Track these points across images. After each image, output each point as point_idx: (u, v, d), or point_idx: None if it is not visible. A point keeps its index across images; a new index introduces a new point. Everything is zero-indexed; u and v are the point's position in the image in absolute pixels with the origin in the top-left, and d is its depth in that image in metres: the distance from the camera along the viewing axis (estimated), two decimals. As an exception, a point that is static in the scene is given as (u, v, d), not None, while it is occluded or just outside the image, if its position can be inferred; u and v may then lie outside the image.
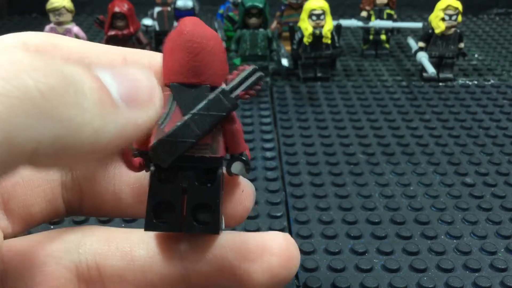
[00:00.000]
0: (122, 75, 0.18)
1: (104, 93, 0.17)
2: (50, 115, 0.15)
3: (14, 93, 0.14)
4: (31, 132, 0.15)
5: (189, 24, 0.21)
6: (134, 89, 0.18)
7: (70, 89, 0.16)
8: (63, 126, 0.15)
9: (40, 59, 0.16)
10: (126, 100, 0.18)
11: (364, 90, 0.69)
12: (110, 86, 0.18)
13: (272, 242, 0.23)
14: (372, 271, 0.39)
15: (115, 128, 0.17)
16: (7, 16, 1.00)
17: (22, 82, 0.15)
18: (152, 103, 0.19)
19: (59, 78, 0.16)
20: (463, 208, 0.45)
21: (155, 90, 0.19)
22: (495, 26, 0.95)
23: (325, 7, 0.67)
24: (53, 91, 0.15)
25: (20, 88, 0.15)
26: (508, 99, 0.66)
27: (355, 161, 0.52)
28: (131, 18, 0.68)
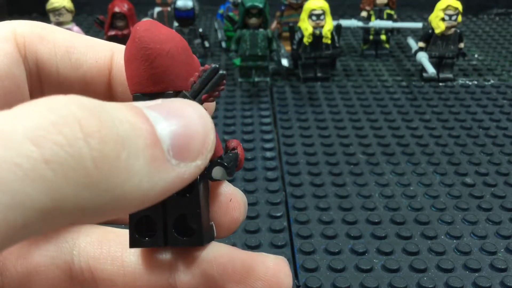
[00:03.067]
0: (176, 119, 0.17)
1: (157, 150, 0.16)
2: (99, 185, 0.14)
3: (69, 162, 0.14)
4: (78, 201, 0.14)
5: (141, 30, 0.19)
6: (188, 140, 0.17)
7: (123, 154, 0.15)
8: (111, 196, 0.15)
9: (96, 119, 0.15)
10: (178, 155, 0.17)
11: (364, 90, 0.69)
12: (164, 137, 0.16)
13: (260, 265, 0.22)
14: (372, 271, 0.39)
15: (163, 186, 0.16)
16: (7, 16, 1.00)
17: (78, 151, 0.14)
18: (204, 155, 0.18)
19: (114, 142, 0.15)
20: (463, 208, 0.45)
21: (209, 137, 0.18)
22: (495, 26, 0.95)
23: (325, 7, 0.67)
24: (106, 159, 0.14)
25: (76, 157, 0.14)
26: (508, 99, 0.66)
27: (355, 161, 0.53)
28: (131, 18, 0.68)
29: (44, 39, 0.22)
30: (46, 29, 0.22)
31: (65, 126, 0.14)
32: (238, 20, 0.68)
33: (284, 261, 0.22)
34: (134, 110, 0.16)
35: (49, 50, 0.22)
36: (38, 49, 0.21)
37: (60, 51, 0.22)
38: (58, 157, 0.14)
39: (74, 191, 0.14)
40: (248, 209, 0.45)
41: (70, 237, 0.23)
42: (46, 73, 0.22)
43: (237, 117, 0.62)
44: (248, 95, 0.68)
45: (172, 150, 0.17)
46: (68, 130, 0.14)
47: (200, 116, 0.18)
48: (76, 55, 0.22)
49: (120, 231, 0.23)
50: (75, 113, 0.14)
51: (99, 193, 0.15)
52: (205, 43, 0.78)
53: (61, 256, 0.22)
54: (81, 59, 0.22)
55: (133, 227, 0.21)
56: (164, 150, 0.16)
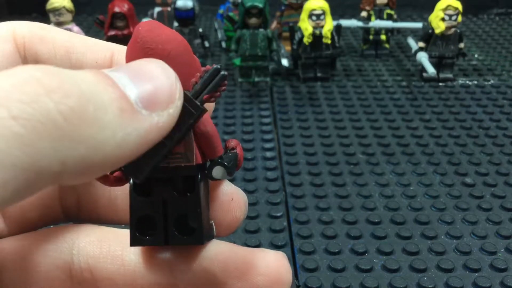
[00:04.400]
0: (140, 74, 0.18)
1: (124, 102, 0.17)
2: (72, 136, 0.15)
3: (36, 116, 0.14)
4: (55, 154, 0.15)
5: (143, 30, 0.19)
6: (154, 90, 0.18)
7: (90, 107, 0.16)
8: (86, 146, 0.15)
9: (56, 77, 0.15)
10: (146, 104, 0.17)
11: (364, 90, 0.69)
12: (129, 91, 0.17)
13: (261, 261, 0.22)
14: (372, 271, 0.39)
15: (138, 136, 0.17)
16: (7, 16, 1.00)
17: (43, 106, 0.15)
18: (173, 102, 0.18)
19: (78, 97, 0.15)
20: (463, 208, 0.45)
21: (175, 87, 0.18)
22: (495, 26, 0.95)
23: (325, 7, 0.67)
24: (73, 112, 0.15)
25: (42, 112, 0.14)
26: (508, 99, 0.66)
27: (355, 161, 0.53)
28: (131, 18, 0.68)
29: (43, 40, 0.22)
30: (46, 29, 0.22)
31: (26, 85, 0.15)
32: (238, 20, 0.68)
33: (284, 256, 0.22)
34: (95, 71, 0.17)
35: (49, 50, 0.22)
36: (37, 50, 0.22)
37: (59, 51, 0.22)
38: (25, 113, 0.14)
39: (48, 144, 0.14)
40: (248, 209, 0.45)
41: (70, 237, 0.23)
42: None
43: (237, 117, 0.62)
44: (248, 95, 0.68)
45: (140, 101, 0.17)
46: (30, 88, 0.15)
47: (162, 68, 0.18)
48: (75, 55, 0.22)
49: (120, 231, 0.23)
50: (34, 74, 0.15)
51: (73, 145, 0.15)
52: (205, 43, 0.78)
53: (60, 256, 0.22)
54: (80, 59, 0.22)
55: (134, 225, 0.21)
56: (132, 102, 0.17)
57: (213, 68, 0.20)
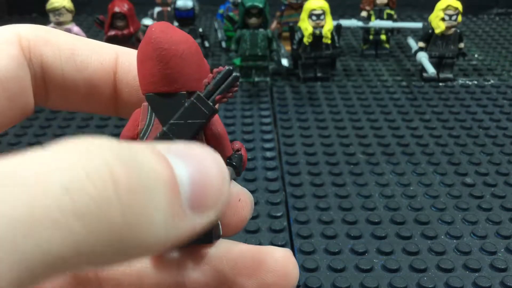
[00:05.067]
0: (199, 172, 0.17)
1: (178, 207, 0.16)
2: (120, 236, 0.15)
3: (98, 215, 0.14)
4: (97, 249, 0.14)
5: (156, 31, 0.19)
6: (205, 192, 0.17)
7: (149, 206, 0.15)
8: (127, 245, 0.15)
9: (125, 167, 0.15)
10: (193, 205, 0.17)
11: (364, 90, 0.69)
12: (184, 190, 0.16)
13: (270, 258, 0.22)
14: (372, 271, 0.39)
15: (176, 237, 0.16)
16: (7, 16, 1.00)
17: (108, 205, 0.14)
18: (217, 207, 0.18)
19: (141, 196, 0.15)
20: (463, 208, 0.45)
21: (224, 189, 0.18)
22: (495, 26, 0.95)
23: (325, 7, 0.67)
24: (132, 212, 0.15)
25: (104, 211, 0.14)
26: (508, 99, 0.66)
27: (355, 161, 0.53)
28: (131, 18, 0.68)
29: (48, 42, 0.22)
30: (50, 32, 0.22)
31: (98, 178, 0.14)
32: (238, 20, 0.68)
33: (290, 253, 0.23)
34: (159, 156, 0.16)
35: (54, 53, 0.22)
36: (42, 52, 0.22)
37: (64, 53, 0.22)
38: (88, 211, 0.14)
39: (96, 242, 0.14)
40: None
41: None
42: (51, 75, 0.22)
43: (237, 117, 0.62)
44: (248, 95, 0.68)
45: (189, 200, 0.17)
46: (101, 182, 0.14)
47: (218, 168, 0.18)
48: (80, 57, 0.22)
49: None
50: (108, 162, 0.15)
51: (119, 243, 0.15)
52: (205, 43, 0.78)
53: None
54: (85, 62, 0.22)
55: None
56: (182, 200, 0.17)
57: (226, 69, 0.20)
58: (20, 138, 0.58)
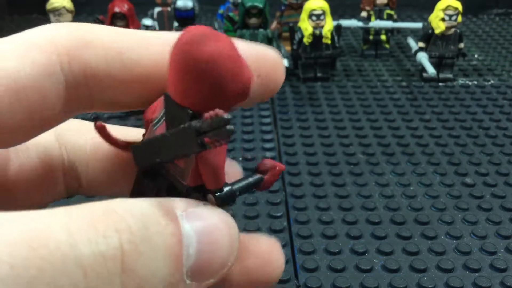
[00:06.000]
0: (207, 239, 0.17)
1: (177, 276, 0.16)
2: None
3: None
4: None
5: (188, 40, 0.17)
6: (209, 264, 0.17)
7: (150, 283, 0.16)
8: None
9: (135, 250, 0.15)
10: (194, 277, 0.17)
11: (364, 90, 0.69)
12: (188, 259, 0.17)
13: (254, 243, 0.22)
14: (372, 271, 0.39)
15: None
16: (7, 16, 1.00)
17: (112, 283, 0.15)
18: (217, 276, 0.18)
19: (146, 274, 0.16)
20: (463, 208, 0.45)
21: (229, 261, 0.18)
22: (495, 26, 0.95)
23: (325, 7, 0.67)
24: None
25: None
26: (508, 99, 0.66)
27: (355, 161, 0.53)
28: (131, 18, 0.68)
29: (89, 44, 0.20)
30: (89, 32, 0.20)
31: (111, 261, 0.15)
32: (238, 20, 0.68)
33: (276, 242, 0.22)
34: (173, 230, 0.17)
35: (97, 56, 0.20)
36: (85, 58, 0.20)
37: (110, 54, 0.20)
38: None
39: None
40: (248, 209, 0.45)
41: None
42: (96, 80, 0.20)
43: (237, 117, 0.62)
44: (248, 95, 0.67)
45: (191, 273, 0.17)
46: (112, 265, 0.15)
47: (229, 240, 0.18)
48: (128, 55, 0.20)
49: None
50: (122, 246, 0.15)
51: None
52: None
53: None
54: (134, 59, 0.20)
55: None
56: (183, 274, 0.17)
57: (226, 118, 0.18)
58: (20, 138, 0.58)
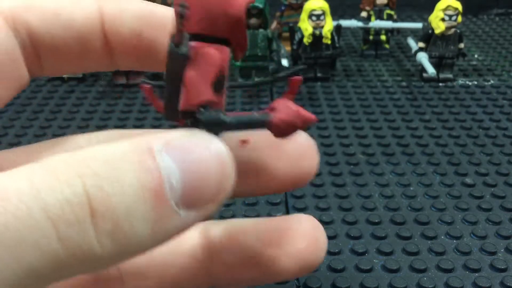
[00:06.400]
0: (192, 169, 0.16)
1: (164, 210, 0.16)
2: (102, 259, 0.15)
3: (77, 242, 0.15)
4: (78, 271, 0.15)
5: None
6: (201, 188, 0.17)
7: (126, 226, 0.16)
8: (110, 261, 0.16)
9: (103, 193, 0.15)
10: (187, 205, 0.16)
11: (364, 90, 0.69)
12: (174, 192, 0.16)
13: (297, 225, 0.21)
14: (372, 271, 0.39)
15: (165, 237, 0.16)
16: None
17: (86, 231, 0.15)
18: (216, 202, 0.17)
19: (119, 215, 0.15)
20: (463, 208, 0.45)
21: (225, 185, 0.17)
22: (495, 26, 0.95)
23: (325, 7, 0.67)
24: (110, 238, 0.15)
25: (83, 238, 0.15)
26: (508, 100, 0.66)
27: (355, 161, 0.53)
28: (131, 18, 0.68)
29: (30, 7, 0.21)
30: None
31: (77, 205, 0.15)
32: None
33: (314, 218, 0.22)
34: (145, 165, 0.16)
35: (37, 17, 0.21)
36: (26, 19, 0.21)
37: (48, 15, 0.21)
38: (69, 236, 0.15)
39: (78, 263, 0.15)
40: (248, 209, 0.45)
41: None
42: (40, 40, 0.21)
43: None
44: (248, 95, 0.68)
45: (181, 202, 0.16)
46: (80, 209, 0.15)
47: (219, 161, 0.17)
48: (64, 15, 0.21)
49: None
50: (87, 190, 0.15)
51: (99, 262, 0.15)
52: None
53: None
54: (70, 18, 0.21)
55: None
56: (172, 205, 0.16)
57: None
58: (20, 138, 0.58)
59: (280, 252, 0.21)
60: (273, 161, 0.22)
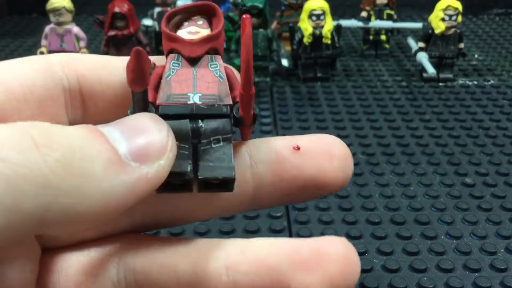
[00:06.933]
0: (131, 129, 0.19)
1: (112, 154, 0.17)
2: (57, 186, 0.16)
3: (24, 163, 0.16)
4: (38, 200, 0.16)
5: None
6: (144, 144, 0.18)
7: (75, 159, 0.16)
8: (70, 196, 0.16)
9: (46, 134, 0.17)
10: (136, 157, 0.18)
11: (364, 90, 0.69)
12: (119, 144, 0.18)
13: (329, 248, 0.21)
14: (372, 271, 0.39)
15: (125, 188, 0.17)
16: (7, 16, 1.00)
17: (32, 156, 0.16)
18: (165, 155, 0.19)
19: (64, 150, 0.16)
20: (463, 208, 0.45)
21: (168, 142, 0.19)
22: (495, 26, 0.95)
23: (325, 7, 0.67)
24: (58, 163, 0.16)
25: (30, 161, 0.16)
26: (508, 100, 0.66)
27: (355, 161, 0.52)
28: (131, 18, 0.68)
29: (78, 58, 0.23)
30: (79, 54, 0.24)
31: (19, 138, 0.16)
32: (238, 20, 0.68)
33: (346, 240, 0.21)
34: (86, 127, 0.18)
35: (87, 65, 0.23)
36: (76, 66, 0.23)
37: (98, 63, 0.23)
38: (13, 159, 0.15)
39: (32, 189, 0.15)
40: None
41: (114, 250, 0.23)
42: (88, 85, 0.23)
43: (237, 117, 0.62)
44: (248, 95, 0.67)
45: (129, 154, 0.18)
46: (22, 141, 0.16)
47: (154, 121, 0.19)
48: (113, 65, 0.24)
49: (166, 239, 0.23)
50: (28, 130, 0.16)
51: (57, 194, 0.16)
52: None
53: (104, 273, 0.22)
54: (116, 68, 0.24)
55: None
56: (120, 154, 0.18)
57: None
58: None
59: (310, 276, 0.20)
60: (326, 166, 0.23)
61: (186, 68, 0.22)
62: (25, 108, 0.21)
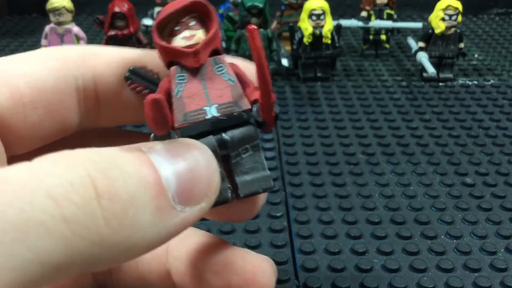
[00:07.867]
0: (181, 162, 0.18)
1: (163, 200, 0.17)
2: (109, 240, 0.15)
3: (84, 221, 0.15)
4: (89, 256, 0.15)
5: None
6: (193, 184, 0.18)
7: (131, 210, 0.16)
8: (119, 248, 0.16)
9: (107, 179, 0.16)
10: (182, 200, 0.17)
11: (364, 90, 0.69)
12: (168, 183, 0.17)
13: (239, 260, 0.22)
14: (372, 271, 0.39)
15: (167, 233, 0.17)
16: (7, 16, 1.00)
17: (92, 211, 0.15)
18: (208, 197, 0.18)
19: (124, 202, 0.16)
20: (463, 208, 0.45)
21: (213, 179, 0.18)
22: (495, 26, 0.95)
23: (325, 7, 0.67)
24: (115, 217, 0.15)
25: (90, 217, 0.15)
26: (508, 99, 0.66)
27: (355, 161, 0.52)
28: (131, 18, 0.68)
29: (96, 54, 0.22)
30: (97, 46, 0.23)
31: (81, 187, 0.15)
32: (238, 20, 0.68)
33: (266, 261, 0.22)
34: (141, 160, 0.17)
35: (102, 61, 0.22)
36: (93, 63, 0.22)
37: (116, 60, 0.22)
38: (75, 217, 0.15)
39: (87, 248, 0.15)
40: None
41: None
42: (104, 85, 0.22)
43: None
44: (248, 95, 0.67)
45: (177, 196, 0.17)
46: (84, 191, 0.15)
47: (205, 158, 0.18)
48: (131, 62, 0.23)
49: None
50: (90, 173, 0.15)
51: (108, 248, 0.15)
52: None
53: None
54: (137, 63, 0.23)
55: None
56: (169, 198, 0.17)
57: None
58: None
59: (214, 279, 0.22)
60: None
61: (194, 80, 0.21)
62: (32, 114, 0.20)
